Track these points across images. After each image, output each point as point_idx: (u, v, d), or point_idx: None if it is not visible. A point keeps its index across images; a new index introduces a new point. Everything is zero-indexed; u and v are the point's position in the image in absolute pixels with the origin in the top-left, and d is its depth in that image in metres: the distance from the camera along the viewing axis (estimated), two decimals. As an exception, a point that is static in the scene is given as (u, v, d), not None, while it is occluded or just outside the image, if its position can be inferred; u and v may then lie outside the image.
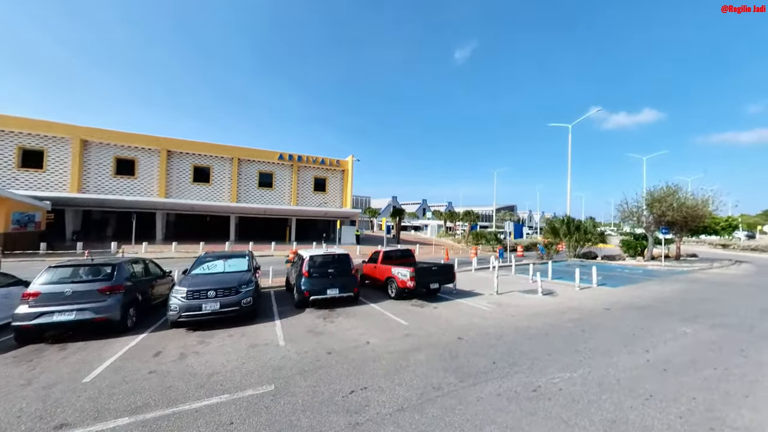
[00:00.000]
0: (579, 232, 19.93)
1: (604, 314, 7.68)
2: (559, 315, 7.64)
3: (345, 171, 39.68)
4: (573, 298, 9.56)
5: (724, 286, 11.18)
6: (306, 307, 8.51)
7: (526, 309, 8.32)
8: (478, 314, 7.82)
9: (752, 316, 7.26)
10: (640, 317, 7.36)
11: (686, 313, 7.71)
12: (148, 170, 30.04)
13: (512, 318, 7.42)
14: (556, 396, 3.81)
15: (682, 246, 38.49)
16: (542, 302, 9.12)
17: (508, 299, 9.59)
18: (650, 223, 17.56)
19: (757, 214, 76.20)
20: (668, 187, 17.29)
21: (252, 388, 4.06)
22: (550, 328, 6.55)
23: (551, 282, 12.65)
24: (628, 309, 8.18)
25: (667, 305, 8.53)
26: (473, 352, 5.24)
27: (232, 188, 33.43)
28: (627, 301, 9.14)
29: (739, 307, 8.23)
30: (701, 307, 8.29)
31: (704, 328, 6.47)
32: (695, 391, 3.90)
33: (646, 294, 10.13)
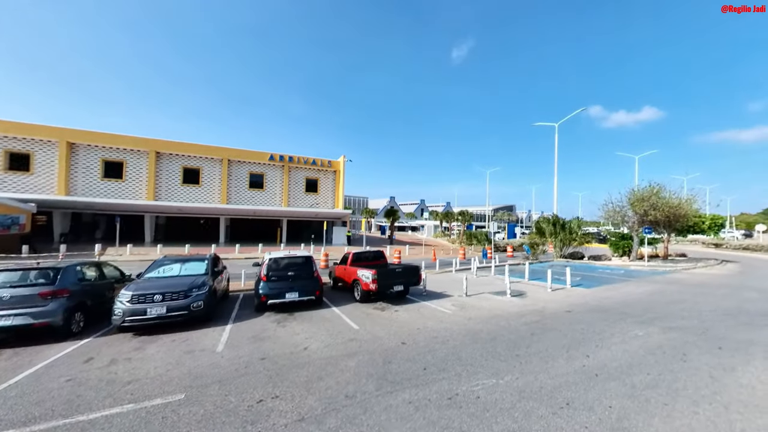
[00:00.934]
0: (564, 231, 19.76)
1: (563, 317, 7.53)
2: (518, 318, 7.51)
3: (337, 171, 39.56)
4: (540, 300, 9.41)
5: (699, 287, 11.01)
6: (265, 311, 8.39)
7: (487, 311, 8.19)
8: (436, 317, 7.69)
9: (712, 319, 7.11)
10: (599, 320, 7.22)
11: (648, 315, 7.56)
12: (136, 172, 30.00)
13: (468, 321, 7.28)
14: (469, 404, 3.68)
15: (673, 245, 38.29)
16: (507, 304, 8.98)
17: (474, 301, 9.45)
18: (634, 222, 17.39)
19: (758, 213, 75.78)
20: (650, 186, 17.14)
21: (162, 396, 3.94)
22: (501, 332, 6.42)
23: (527, 283, 12.51)
24: (591, 311, 8.03)
25: (632, 307, 8.37)
26: (409, 358, 5.11)
27: (222, 189, 33.35)
28: (594, 303, 8.99)
29: (704, 308, 8.07)
30: (666, 309, 8.13)
31: (658, 331, 6.33)
32: (616, 399, 3.76)
33: (616, 295, 9.98)
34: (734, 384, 4.09)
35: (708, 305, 8.41)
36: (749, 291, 10.16)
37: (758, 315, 7.35)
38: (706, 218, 18.81)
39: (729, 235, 42.53)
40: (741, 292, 10.10)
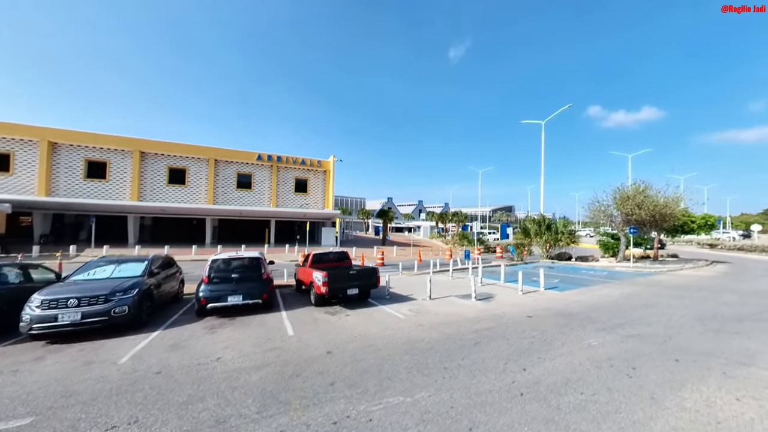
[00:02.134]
0: (550, 232, 19.15)
1: (521, 323, 6.95)
2: (471, 324, 6.93)
3: (327, 171, 39.05)
4: (505, 304, 8.83)
5: (679, 290, 10.40)
6: (205, 315, 7.85)
7: (442, 317, 7.61)
8: (385, 323, 7.13)
9: (680, 325, 6.51)
10: (558, 326, 6.64)
11: (613, 320, 6.97)
12: (120, 172, 29.56)
13: (416, 328, 6.72)
14: (354, 429, 3.12)
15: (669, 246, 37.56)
16: (467, 309, 8.40)
17: (434, 306, 8.89)
18: (620, 222, 16.77)
19: (758, 213, 74.92)
20: (636, 184, 16.50)
21: (5, 421, 3.39)
22: (443, 340, 5.85)
23: (501, 285, 11.93)
24: (554, 316, 7.45)
25: (599, 312, 7.78)
26: (323, 370, 4.56)
27: (208, 190, 32.87)
28: (561, 307, 8.40)
29: (676, 313, 7.47)
30: (635, 314, 7.54)
31: (616, 339, 5.74)
32: (530, 425, 3.19)
33: (588, 299, 9.39)
34: (676, 407, 3.51)
35: (681, 309, 7.81)
36: (729, 294, 9.55)
37: (731, 320, 6.75)
38: (696, 218, 18.16)
39: (725, 236, 41.77)
40: (720, 294, 9.48)
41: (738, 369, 4.41)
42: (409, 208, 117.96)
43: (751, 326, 6.34)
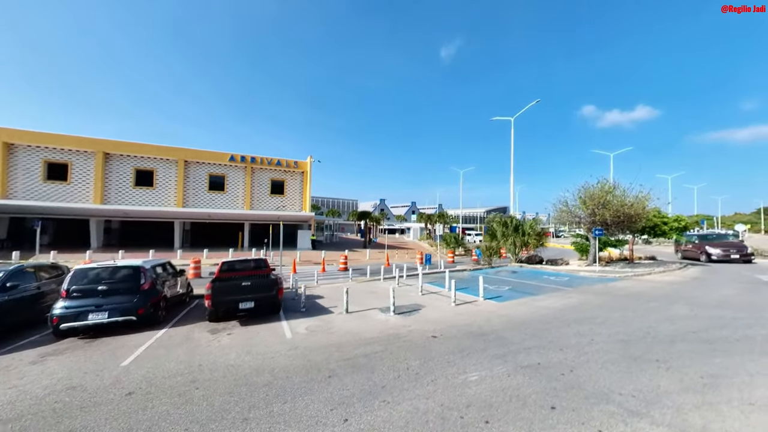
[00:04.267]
0: (517, 233, 18.07)
1: (414, 346, 5.87)
2: (357, 347, 5.85)
3: (304, 173, 37.97)
4: (421, 320, 7.74)
5: (630, 300, 9.30)
6: (62, 337, 6.76)
7: (337, 337, 6.54)
8: (262, 345, 6.06)
9: (598, 350, 5.42)
10: (455, 351, 5.55)
11: (525, 343, 5.87)
12: (82, 174, 28.50)
13: (290, 352, 5.65)
14: None
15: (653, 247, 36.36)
16: (375, 325, 7.32)
17: (343, 321, 7.82)
18: (586, 223, 15.70)
19: (752, 213, 73.99)
20: (602, 182, 15.43)
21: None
22: (296, 371, 4.77)
23: (444, 294, 10.87)
24: (461, 336, 6.36)
25: (519, 330, 6.69)
26: (83, 426, 3.47)
27: (177, 192, 31.79)
28: (481, 323, 7.31)
29: (604, 332, 6.37)
30: (557, 333, 6.44)
31: (506, 372, 4.65)
32: None
33: (522, 312, 8.29)
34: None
35: (615, 326, 6.71)
36: (682, 304, 8.46)
37: (662, 342, 5.66)
38: (668, 219, 17.12)
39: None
40: (672, 305, 8.39)
41: (623, 423, 3.32)
42: (402, 209, 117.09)
43: (680, 351, 5.26)
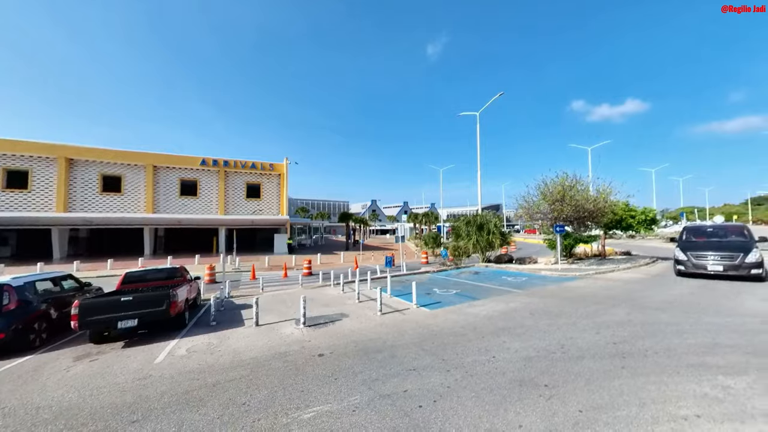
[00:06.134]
0: (481, 232, 17.27)
1: (283, 370, 5.04)
2: (219, 374, 5.03)
3: (281, 175, 37.07)
4: (328, 334, 6.92)
5: (572, 304, 8.49)
6: None
7: (212, 360, 5.72)
8: (109, 376, 5.23)
9: (488, 371, 4.60)
10: (324, 375, 4.73)
11: (413, 363, 5.05)
12: (44, 182, 27.50)
13: (133, 384, 4.82)
14: None
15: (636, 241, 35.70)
16: (270, 342, 6.49)
17: (245, 336, 7.04)
18: (549, 219, 14.93)
19: (740, 204, 73.92)
20: (561, 177, 14.65)
21: None
22: (96, 416, 3.94)
23: (385, 301, 10.02)
24: (350, 355, 5.53)
25: (421, 345, 5.86)
26: None
27: (146, 198, 30.82)
28: (388, 337, 6.48)
29: (514, 348, 5.55)
30: (465, 347, 5.62)
31: (358, 403, 3.84)
32: None
33: (447, 321, 7.47)
34: None
35: (531, 338, 5.89)
36: (624, 307, 7.65)
37: (568, 359, 4.85)
38: (636, 213, 16.39)
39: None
40: (613, 308, 7.58)
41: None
42: (395, 210, 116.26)
43: (581, 370, 4.46)
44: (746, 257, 10.06)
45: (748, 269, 9.96)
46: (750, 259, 10.02)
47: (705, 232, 12.38)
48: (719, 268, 10.42)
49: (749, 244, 10.61)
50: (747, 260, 10.01)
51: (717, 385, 3.86)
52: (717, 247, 11.02)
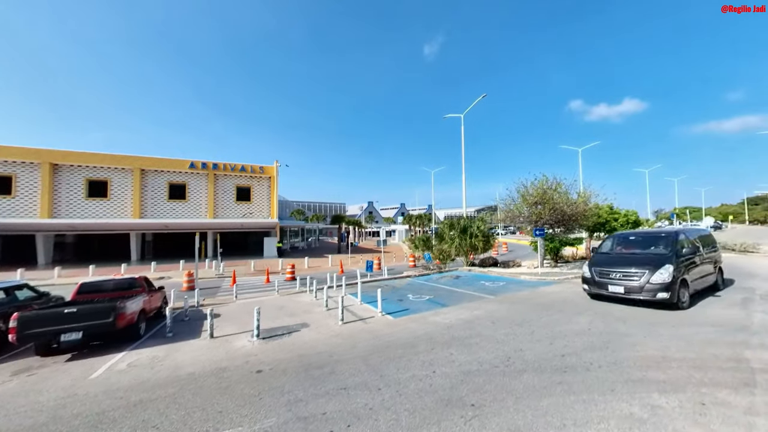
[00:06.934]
0: (464, 235, 17.09)
1: (211, 390, 4.84)
2: (143, 393, 4.82)
3: (271, 178, 36.89)
4: (280, 347, 6.72)
5: (540, 309, 8.30)
6: None
7: (148, 375, 5.51)
8: (33, 394, 5.03)
9: (421, 389, 4.40)
10: (251, 395, 4.54)
11: (348, 380, 4.86)
12: (28, 187, 27.27)
13: (49, 404, 4.60)
14: None
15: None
16: (212, 357, 6.30)
17: (188, 350, 6.81)
18: (529, 222, 14.77)
19: (737, 204, 74.07)
20: (541, 180, 14.48)
21: None
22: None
23: (353, 308, 9.83)
24: (290, 371, 5.34)
25: (366, 359, 5.67)
26: None
27: (134, 202, 30.58)
28: (339, 349, 6.29)
29: (462, 359, 5.37)
30: (410, 360, 5.44)
31: (269, 427, 3.64)
32: None
33: (406, 331, 7.28)
34: None
35: (481, 350, 5.67)
36: (588, 316, 7.38)
37: (509, 373, 4.65)
38: (618, 215, 16.24)
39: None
40: (577, 317, 7.34)
41: None
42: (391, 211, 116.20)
43: (517, 387, 4.26)
44: (652, 276, 7.70)
45: (652, 292, 7.60)
46: (656, 279, 7.63)
47: (629, 241, 9.80)
48: (620, 289, 8.10)
49: (663, 259, 8.03)
50: (652, 280, 7.67)
51: (647, 404, 3.67)
52: (624, 261, 8.63)
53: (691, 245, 8.80)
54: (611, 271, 8.49)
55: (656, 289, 7.61)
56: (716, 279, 9.66)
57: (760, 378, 4.14)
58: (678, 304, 7.60)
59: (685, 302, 7.76)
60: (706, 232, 10.71)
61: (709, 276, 9.30)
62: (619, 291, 8.17)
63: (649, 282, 7.74)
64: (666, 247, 8.54)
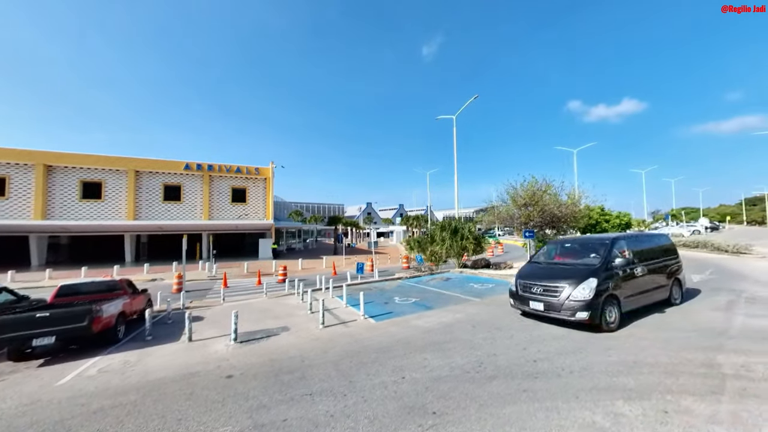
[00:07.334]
0: (455, 237, 17.03)
1: (175, 396, 4.75)
2: (107, 399, 4.74)
3: (267, 179, 36.83)
4: (256, 351, 6.65)
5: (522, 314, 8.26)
6: None
7: (117, 382, 5.45)
8: (2, 401, 4.93)
9: (386, 396, 4.32)
10: (214, 401, 4.46)
11: (317, 386, 4.79)
12: (21, 189, 27.20)
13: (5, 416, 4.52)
14: None
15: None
16: (187, 361, 6.23)
17: (163, 354, 6.74)
18: (519, 224, 14.71)
19: (735, 204, 74.01)
20: (530, 181, 14.42)
21: None
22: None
23: (338, 310, 9.76)
24: (259, 377, 5.26)
25: (338, 364, 5.60)
26: None
27: (128, 204, 30.51)
28: (313, 353, 6.22)
29: (435, 363, 5.29)
30: (383, 365, 5.36)
31: (225, 436, 3.57)
32: None
33: (386, 334, 7.20)
34: None
35: (454, 354, 5.59)
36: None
37: (478, 379, 4.57)
38: (610, 217, 16.19)
39: (687, 230, 39.99)
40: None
41: None
42: (390, 212, 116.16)
43: (483, 393, 4.18)
44: (573, 291, 6.54)
45: (571, 311, 6.43)
46: (577, 294, 6.47)
47: (565, 249, 8.76)
48: (540, 306, 7.02)
49: (589, 271, 6.80)
50: (572, 296, 6.50)
51: (610, 412, 3.59)
52: (552, 273, 7.47)
53: (634, 254, 7.58)
54: (534, 284, 7.34)
55: (575, 307, 6.42)
56: (670, 293, 8.22)
57: (729, 384, 4.06)
58: (602, 326, 6.36)
59: (612, 323, 6.51)
60: (661, 239, 9.19)
61: (658, 290, 7.92)
62: (539, 308, 7.05)
63: (569, 298, 6.55)
64: (598, 256, 7.30)
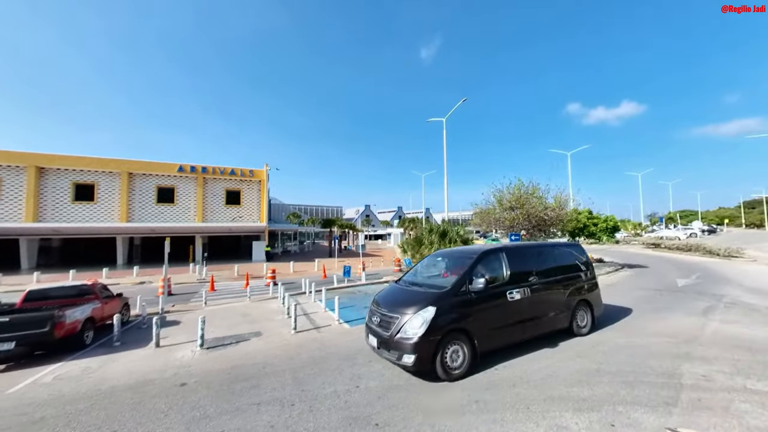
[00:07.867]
0: (444, 240, 16.92)
1: (110, 409, 4.63)
2: (59, 407, 4.61)
3: (261, 182, 36.77)
4: (222, 357, 6.51)
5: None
6: None
7: (67, 390, 5.32)
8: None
9: (331, 407, 4.19)
10: (151, 412, 4.33)
11: (259, 397, 4.65)
12: (13, 191, 27.15)
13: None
14: None
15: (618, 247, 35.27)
16: (153, 366, 6.09)
17: (126, 361, 6.59)
18: (505, 227, 14.59)
19: (734, 207, 73.85)
20: (517, 184, 14.31)
21: None
22: None
23: (320, 315, 9.63)
24: (213, 385, 5.13)
25: (293, 372, 5.47)
26: None
27: (121, 206, 30.43)
28: (276, 360, 6.08)
29: (395, 372, 5.17)
30: (332, 376, 5.23)
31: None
32: None
33: (350, 339, 7.08)
34: None
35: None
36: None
37: (427, 391, 4.45)
38: (598, 221, 16.08)
39: (683, 233, 39.79)
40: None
41: None
42: (389, 215, 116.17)
43: (428, 405, 4.05)
44: (406, 324, 4.89)
45: (399, 352, 4.82)
46: (408, 329, 4.84)
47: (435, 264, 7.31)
48: (374, 342, 5.37)
49: (431, 297, 5.14)
50: (403, 330, 4.86)
51: (554, 425, 3.46)
52: (398, 297, 5.73)
53: (515, 271, 5.85)
54: (375, 311, 5.66)
55: (404, 346, 4.75)
56: (572, 319, 6.41)
57: (685, 396, 3.93)
58: (437, 373, 4.71)
59: (456, 369, 4.77)
60: (563, 250, 7.21)
61: (551, 318, 6.10)
62: (374, 344, 5.37)
63: (398, 334, 4.90)
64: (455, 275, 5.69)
